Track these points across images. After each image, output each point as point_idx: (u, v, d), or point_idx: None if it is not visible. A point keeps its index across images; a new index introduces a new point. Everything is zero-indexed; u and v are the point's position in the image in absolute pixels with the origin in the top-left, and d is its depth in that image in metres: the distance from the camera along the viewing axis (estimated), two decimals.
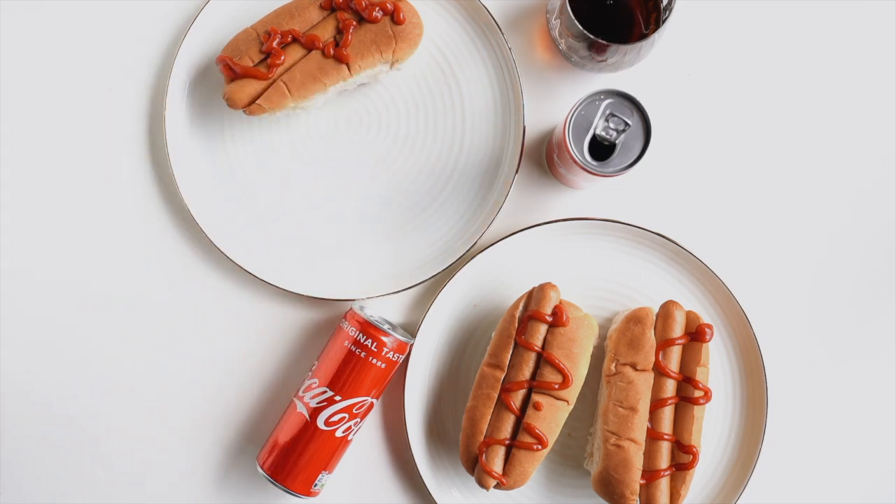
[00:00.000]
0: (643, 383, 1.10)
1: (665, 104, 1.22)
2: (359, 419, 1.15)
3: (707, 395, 1.11)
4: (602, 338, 1.19)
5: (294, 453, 1.13)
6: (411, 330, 1.21)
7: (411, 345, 1.18)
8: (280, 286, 1.19)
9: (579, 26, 1.08)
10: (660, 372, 1.12)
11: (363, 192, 1.22)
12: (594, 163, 1.06)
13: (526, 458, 1.10)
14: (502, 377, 1.11)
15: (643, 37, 1.10)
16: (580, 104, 1.06)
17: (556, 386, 1.10)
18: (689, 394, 1.11)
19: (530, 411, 1.10)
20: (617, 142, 1.06)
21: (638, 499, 1.11)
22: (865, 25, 1.23)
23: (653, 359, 1.11)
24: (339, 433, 1.14)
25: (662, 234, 1.18)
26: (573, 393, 1.11)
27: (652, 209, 1.22)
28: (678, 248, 1.18)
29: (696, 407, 1.11)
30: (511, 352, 1.12)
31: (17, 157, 1.22)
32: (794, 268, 1.23)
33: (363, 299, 1.20)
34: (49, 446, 1.21)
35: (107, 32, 1.22)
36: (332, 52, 1.14)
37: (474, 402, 1.12)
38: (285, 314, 1.22)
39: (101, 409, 1.22)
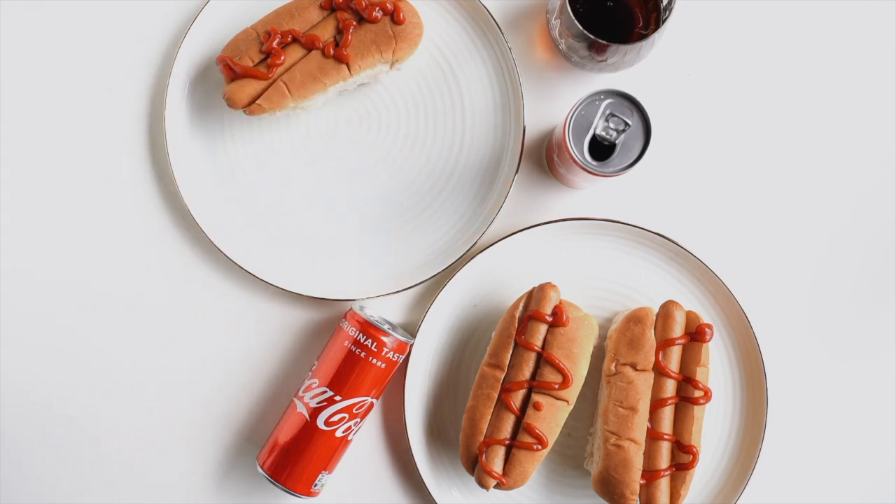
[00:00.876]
0: (643, 383, 1.10)
1: (665, 104, 1.22)
2: (359, 419, 1.15)
3: (707, 395, 1.11)
4: (602, 338, 1.19)
5: (294, 453, 1.13)
6: (411, 330, 1.21)
7: (411, 345, 1.18)
8: (280, 286, 1.19)
9: (579, 26, 1.08)
10: (660, 372, 1.11)
11: (363, 193, 1.22)
12: (594, 163, 1.06)
13: (526, 458, 1.10)
14: (502, 377, 1.11)
15: (643, 37, 1.10)
16: (580, 104, 1.06)
17: (556, 386, 1.10)
18: (689, 394, 1.11)
19: (530, 411, 1.10)
20: (617, 142, 1.06)
21: (638, 499, 1.11)
22: (865, 25, 1.23)
23: (653, 359, 1.11)
24: (339, 433, 1.14)
25: (662, 234, 1.18)
26: (573, 393, 1.11)
27: (652, 209, 1.22)
28: (678, 248, 1.18)
29: (696, 407, 1.11)
30: (511, 352, 1.12)
31: (17, 157, 1.22)
32: (794, 268, 1.23)
33: (363, 299, 1.20)
34: (49, 446, 1.21)
35: (107, 32, 1.22)
36: (332, 52, 1.14)
37: (474, 402, 1.12)
38: (285, 314, 1.22)
39: (101, 409, 1.21)
